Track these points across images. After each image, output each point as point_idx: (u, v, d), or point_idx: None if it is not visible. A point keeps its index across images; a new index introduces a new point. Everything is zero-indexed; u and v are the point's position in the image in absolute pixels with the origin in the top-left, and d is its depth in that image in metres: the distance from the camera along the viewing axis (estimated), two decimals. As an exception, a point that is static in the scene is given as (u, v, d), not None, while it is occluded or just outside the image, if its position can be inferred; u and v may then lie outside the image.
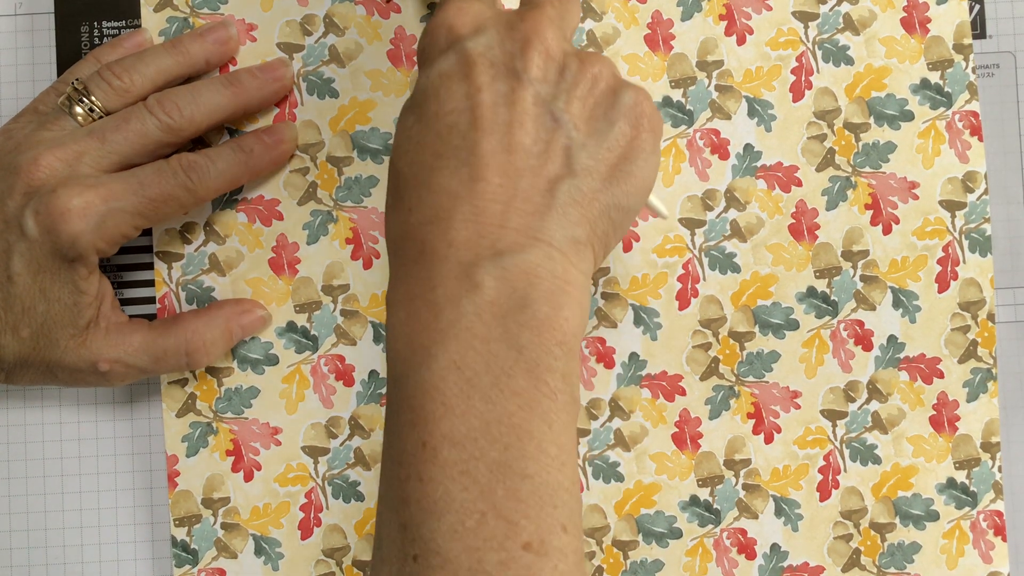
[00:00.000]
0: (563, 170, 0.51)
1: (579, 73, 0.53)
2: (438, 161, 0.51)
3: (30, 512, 0.66)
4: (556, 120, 0.52)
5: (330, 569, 0.65)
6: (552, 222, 0.50)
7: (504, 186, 0.50)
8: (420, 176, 0.51)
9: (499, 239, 0.50)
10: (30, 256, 0.59)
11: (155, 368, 0.62)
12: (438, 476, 0.47)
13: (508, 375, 0.48)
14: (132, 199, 0.59)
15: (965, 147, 0.66)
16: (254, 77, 0.64)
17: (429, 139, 0.51)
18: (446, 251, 0.50)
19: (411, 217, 0.51)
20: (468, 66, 0.51)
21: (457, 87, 0.51)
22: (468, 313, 0.49)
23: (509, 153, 0.50)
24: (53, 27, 0.67)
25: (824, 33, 0.67)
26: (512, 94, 0.51)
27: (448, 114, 0.51)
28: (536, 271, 0.49)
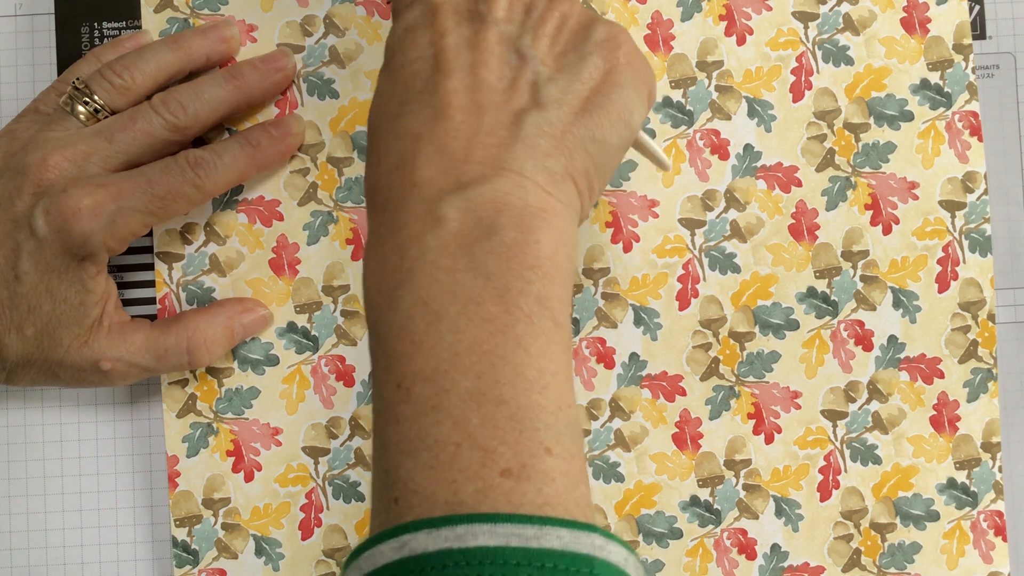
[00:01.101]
0: (529, 103, 0.50)
1: (547, 11, 0.52)
2: (402, 107, 0.50)
3: (30, 512, 0.66)
4: (522, 56, 0.51)
5: (331, 569, 0.65)
6: (519, 152, 0.49)
7: (467, 122, 0.50)
8: (387, 125, 0.51)
9: (463, 173, 0.49)
10: (39, 255, 0.59)
11: (157, 367, 0.62)
12: (411, 414, 0.46)
13: (476, 303, 0.47)
14: (141, 197, 0.59)
15: (965, 147, 0.66)
16: (255, 69, 0.64)
17: (396, 89, 0.51)
18: (410, 191, 0.49)
19: (379, 167, 0.51)
20: (432, 15, 0.51)
21: (421, 36, 0.51)
22: (432, 248, 0.48)
23: (473, 92, 0.50)
24: (53, 27, 0.67)
25: (824, 33, 0.67)
26: (475, 36, 0.51)
27: (413, 62, 0.51)
28: (504, 199, 0.48)
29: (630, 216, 0.66)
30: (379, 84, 0.52)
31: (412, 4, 0.52)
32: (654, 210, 0.66)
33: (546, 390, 0.47)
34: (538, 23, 0.52)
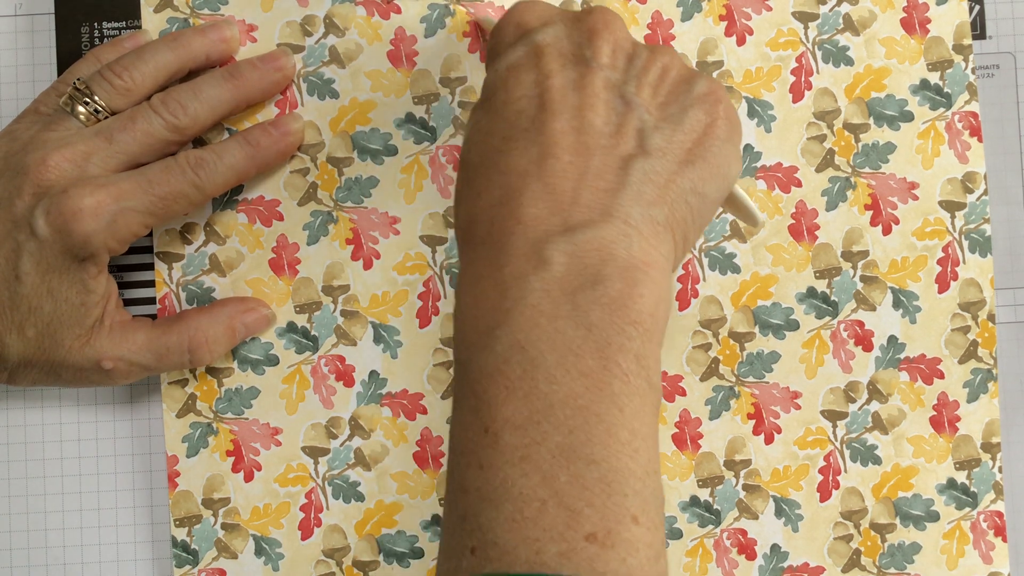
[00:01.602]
0: (636, 150, 0.50)
1: (649, 61, 0.52)
2: (506, 144, 0.50)
3: (30, 512, 0.66)
4: (628, 103, 0.51)
5: (330, 569, 0.65)
6: (626, 199, 0.49)
7: (574, 163, 0.49)
8: (489, 160, 0.50)
9: (570, 215, 0.48)
10: (40, 256, 0.59)
11: (158, 366, 0.62)
12: (498, 462, 0.45)
13: (576, 354, 0.46)
14: (142, 198, 0.59)
15: (965, 148, 0.66)
16: (255, 68, 0.64)
17: (498, 126, 0.50)
18: (514, 228, 0.48)
19: (480, 201, 0.50)
20: (537, 55, 0.51)
21: (526, 75, 0.51)
22: (535, 290, 0.47)
23: (579, 134, 0.50)
24: (53, 27, 0.67)
25: (824, 34, 0.67)
26: (581, 79, 0.51)
27: (517, 100, 0.51)
28: (610, 247, 0.48)
29: (630, 216, 0.66)
30: (476, 119, 0.52)
31: (515, 44, 0.52)
32: (654, 210, 0.66)
33: (636, 454, 0.46)
34: (641, 72, 0.52)
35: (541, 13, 0.53)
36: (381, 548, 0.65)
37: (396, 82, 0.66)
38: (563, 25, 0.52)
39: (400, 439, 0.65)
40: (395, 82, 0.66)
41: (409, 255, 0.66)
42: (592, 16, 0.52)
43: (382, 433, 0.65)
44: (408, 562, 0.65)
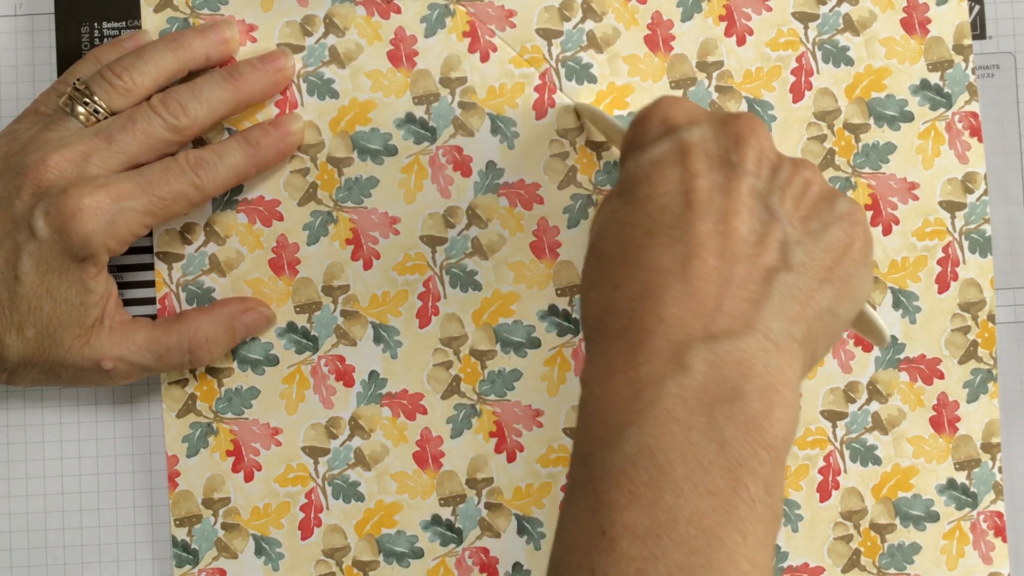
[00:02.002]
0: (779, 262, 0.49)
1: (792, 174, 0.51)
2: (649, 239, 0.49)
3: (30, 512, 0.66)
4: (772, 213, 0.50)
5: (330, 569, 0.65)
6: (769, 312, 0.48)
7: (720, 268, 0.48)
8: (628, 253, 0.49)
9: (713, 322, 0.47)
10: (39, 256, 0.59)
11: (158, 366, 0.62)
12: (612, 570, 0.44)
13: (705, 470, 0.45)
14: (142, 198, 0.59)
15: (965, 148, 0.67)
16: (254, 68, 0.64)
17: (639, 219, 0.49)
18: (655, 326, 0.47)
19: (617, 293, 0.49)
20: (683, 154, 0.50)
21: (671, 172, 0.50)
22: (671, 395, 0.46)
23: (724, 238, 0.49)
24: (53, 27, 0.67)
25: (824, 34, 0.67)
26: (727, 183, 0.50)
27: (661, 196, 0.50)
28: (750, 362, 0.47)
29: (630, 216, 0.66)
30: (613, 208, 0.51)
31: (660, 138, 0.51)
32: (654, 210, 0.66)
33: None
34: (784, 184, 0.51)
35: (688, 111, 0.52)
36: (381, 548, 0.65)
37: (396, 82, 0.66)
38: (710, 126, 0.51)
39: (400, 439, 0.66)
40: (395, 82, 0.66)
41: (409, 255, 0.66)
42: (740, 121, 0.52)
43: (382, 433, 0.65)
44: (408, 562, 0.65)
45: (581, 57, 0.66)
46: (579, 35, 0.66)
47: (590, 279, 0.51)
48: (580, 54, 0.66)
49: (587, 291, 0.51)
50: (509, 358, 0.66)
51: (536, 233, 0.66)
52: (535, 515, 0.66)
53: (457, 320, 0.66)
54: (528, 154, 0.66)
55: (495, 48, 0.66)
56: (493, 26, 0.66)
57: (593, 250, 0.51)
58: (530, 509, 0.66)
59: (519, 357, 0.66)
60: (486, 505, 0.66)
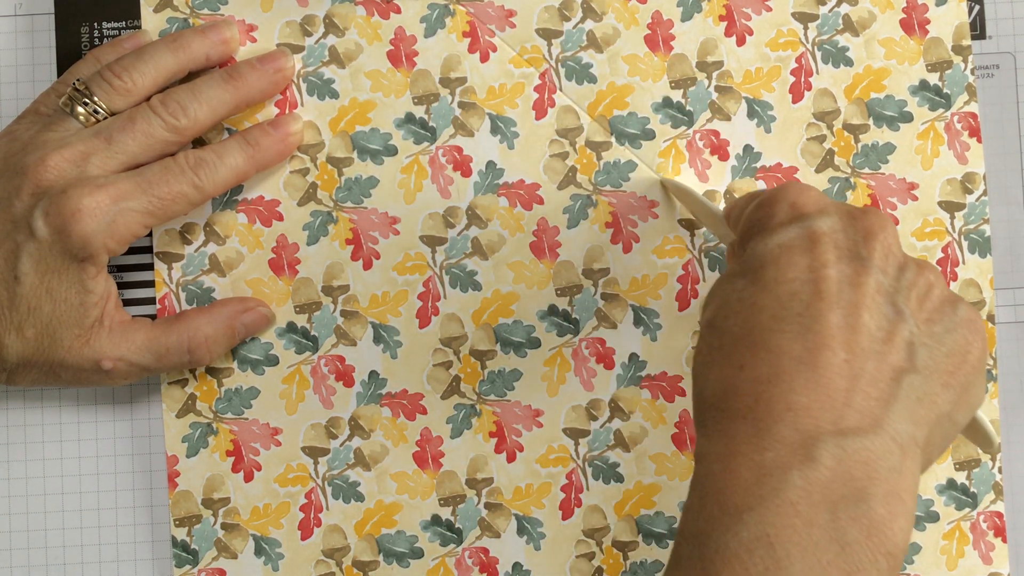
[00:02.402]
0: (906, 363, 0.49)
1: (917, 275, 0.51)
2: (777, 324, 0.49)
3: (30, 512, 0.66)
4: (898, 312, 0.50)
5: (330, 569, 0.65)
6: (897, 413, 0.47)
7: (850, 363, 0.48)
8: (754, 336, 0.49)
9: (842, 417, 0.47)
10: (39, 256, 0.59)
11: (158, 366, 0.62)
12: None
13: (823, 570, 0.44)
14: (142, 198, 0.59)
15: (964, 148, 0.67)
16: (254, 69, 0.64)
17: (767, 302, 0.49)
18: (783, 413, 0.47)
19: (742, 373, 0.48)
20: (813, 241, 0.50)
21: (800, 259, 0.50)
22: (796, 486, 0.45)
23: (853, 332, 0.48)
24: (53, 27, 0.67)
25: (824, 34, 0.67)
26: (857, 277, 0.49)
27: (789, 281, 0.49)
28: (876, 463, 0.46)
29: (630, 216, 0.66)
30: (738, 288, 0.51)
31: (788, 223, 0.51)
32: (654, 210, 0.66)
33: None
34: (910, 284, 0.51)
35: (817, 199, 0.52)
36: (381, 548, 0.65)
37: (396, 82, 0.66)
38: (839, 218, 0.51)
39: (400, 439, 0.65)
40: (395, 82, 0.66)
41: (409, 255, 0.66)
42: (868, 216, 0.51)
43: (382, 433, 0.65)
44: (408, 562, 0.65)
45: (581, 57, 0.66)
46: (579, 35, 0.66)
47: (708, 356, 0.50)
48: (580, 54, 0.66)
49: (705, 368, 0.50)
50: (509, 358, 0.66)
51: (536, 233, 0.66)
52: (535, 515, 0.66)
53: (457, 320, 0.66)
54: (528, 154, 0.66)
55: (495, 48, 0.66)
56: (493, 26, 0.66)
57: (712, 327, 0.51)
58: (530, 509, 0.66)
59: (519, 357, 0.66)
60: (486, 505, 0.66)
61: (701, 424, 0.49)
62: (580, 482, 0.66)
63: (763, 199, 0.52)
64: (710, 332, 0.50)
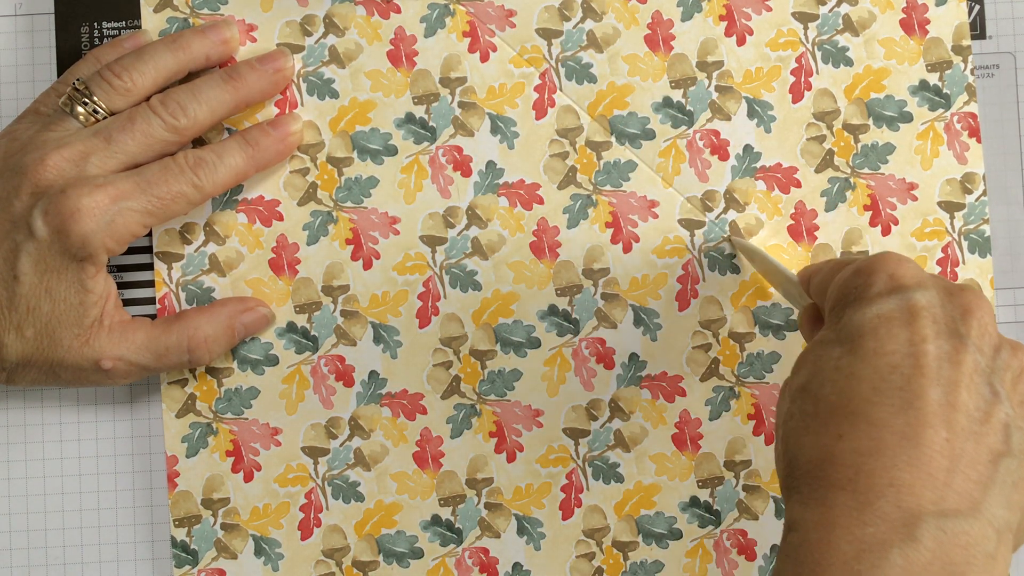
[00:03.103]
0: (1003, 446, 0.48)
1: (1011, 357, 0.51)
2: (877, 396, 0.48)
3: (30, 512, 0.66)
4: (995, 393, 0.49)
5: (330, 569, 0.65)
6: (994, 497, 0.47)
7: (951, 442, 0.47)
8: (854, 406, 0.49)
9: (943, 498, 0.47)
10: (38, 256, 0.59)
11: (158, 365, 0.62)
12: None
13: None
14: (141, 198, 0.59)
15: (963, 148, 0.67)
16: (253, 69, 0.64)
17: (866, 373, 0.49)
18: (885, 489, 0.47)
19: (841, 443, 0.48)
20: (912, 315, 0.50)
21: (899, 331, 0.49)
22: (895, 565, 0.45)
23: (953, 410, 0.48)
24: (53, 27, 0.67)
25: (824, 34, 0.67)
26: (956, 354, 0.49)
27: (889, 354, 0.49)
28: (974, 547, 0.46)
29: (630, 216, 0.66)
30: (835, 356, 0.50)
31: (887, 294, 0.51)
32: (654, 210, 0.66)
33: None
34: (1004, 366, 0.50)
35: (915, 272, 0.52)
36: (381, 548, 0.65)
37: (396, 82, 0.66)
38: (937, 292, 0.51)
39: (400, 439, 0.65)
40: (395, 82, 0.66)
41: (409, 255, 0.66)
42: (966, 294, 0.51)
43: (382, 433, 0.65)
44: (408, 562, 0.65)
45: (581, 57, 0.66)
46: (579, 35, 0.66)
47: (802, 422, 0.50)
48: (580, 54, 0.66)
49: (799, 433, 0.50)
50: (509, 358, 0.66)
51: (536, 233, 0.66)
52: (535, 515, 0.66)
53: (457, 320, 0.66)
54: (528, 154, 0.66)
55: (495, 48, 0.66)
56: (493, 26, 0.66)
57: (805, 392, 0.50)
58: (530, 509, 0.66)
59: (519, 357, 0.66)
60: (486, 505, 0.66)
61: (795, 489, 0.49)
62: (580, 482, 0.66)
63: (860, 267, 0.52)
64: (803, 397, 0.50)
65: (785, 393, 0.51)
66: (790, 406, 0.51)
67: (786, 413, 0.51)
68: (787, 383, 0.52)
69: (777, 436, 0.52)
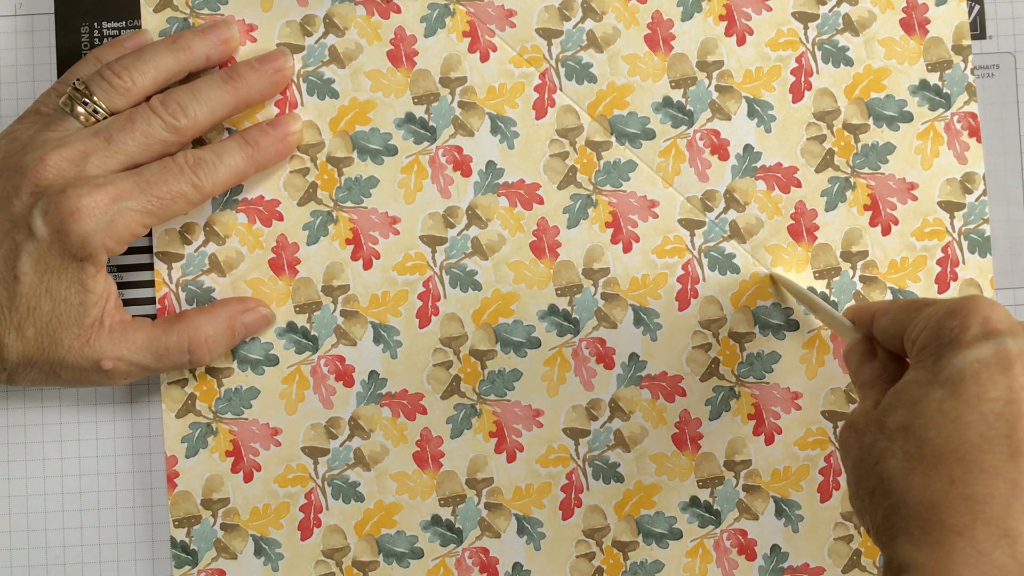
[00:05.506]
0: None
1: None
2: (985, 443, 0.50)
3: (30, 512, 0.66)
4: None
5: (330, 569, 0.65)
6: None
7: None
8: (962, 452, 0.50)
9: None
10: (38, 256, 0.59)
11: (158, 366, 0.62)
12: None
13: None
14: (141, 198, 0.59)
15: (963, 148, 0.67)
16: (253, 69, 0.64)
17: (972, 419, 0.50)
18: (1000, 540, 0.48)
19: (954, 489, 0.49)
20: (1008, 361, 0.51)
21: (999, 378, 0.50)
22: None
23: None
24: (53, 27, 0.67)
25: (824, 34, 0.67)
26: None
27: (993, 401, 0.50)
28: None
29: (630, 216, 0.66)
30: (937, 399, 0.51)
31: (982, 340, 0.51)
32: (654, 210, 0.66)
33: None
34: None
35: (1006, 318, 0.52)
36: (381, 548, 0.65)
37: (396, 82, 0.66)
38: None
39: (400, 439, 0.65)
40: (395, 82, 0.66)
41: (409, 255, 0.66)
42: None
43: (382, 433, 0.65)
44: (408, 562, 0.65)
45: (581, 57, 0.66)
46: (579, 35, 0.66)
47: (908, 464, 0.51)
48: (580, 54, 0.66)
49: (907, 474, 0.51)
50: (509, 358, 0.66)
51: (536, 233, 0.66)
52: (535, 515, 0.66)
53: (457, 320, 0.66)
54: (528, 154, 0.66)
55: (495, 48, 0.66)
56: (493, 26, 0.66)
57: (909, 435, 0.51)
58: (530, 509, 0.66)
59: (519, 357, 0.66)
60: (486, 505, 0.66)
61: (903, 530, 0.50)
62: (580, 482, 0.66)
63: (954, 309, 0.53)
64: (906, 438, 0.51)
65: (872, 429, 0.52)
66: (888, 444, 0.51)
67: (880, 450, 0.51)
68: (871, 418, 0.52)
69: (865, 473, 0.52)
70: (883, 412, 0.52)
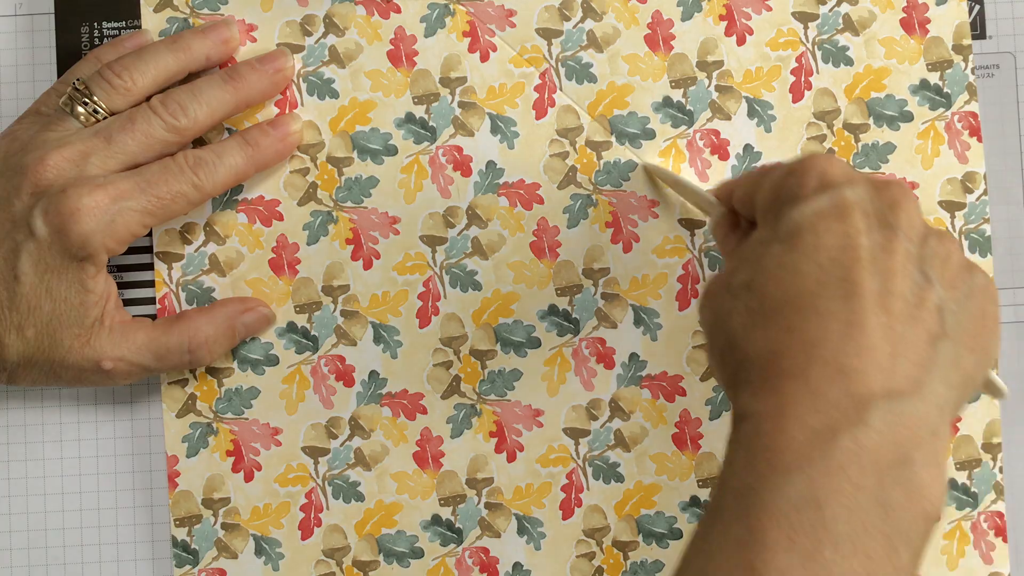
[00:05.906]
0: (938, 328, 0.50)
1: (938, 244, 0.52)
2: (821, 289, 0.50)
3: (30, 512, 0.66)
4: (927, 278, 0.51)
5: (330, 569, 0.65)
6: (936, 378, 0.49)
7: (892, 328, 0.49)
8: (802, 300, 0.50)
9: (889, 381, 0.48)
10: (38, 256, 0.59)
11: (158, 366, 0.62)
12: None
13: (867, 532, 0.46)
14: (141, 198, 0.59)
15: (964, 148, 0.67)
16: (254, 69, 0.64)
17: (808, 268, 0.50)
18: (835, 376, 0.48)
19: (792, 336, 0.49)
20: (844, 210, 0.51)
21: (836, 226, 0.51)
22: (845, 449, 0.46)
23: (891, 297, 0.49)
24: (53, 27, 0.67)
25: (824, 34, 0.67)
26: (888, 244, 0.51)
27: (829, 248, 0.50)
28: (919, 427, 0.48)
29: (630, 216, 0.66)
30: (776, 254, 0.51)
31: (819, 193, 0.52)
32: (654, 210, 0.66)
33: None
34: (932, 252, 0.52)
35: (844, 170, 0.53)
36: (381, 548, 0.65)
37: (396, 82, 0.66)
38: (865, 188, 0.52)
39: (400, 439, 0.66)
40: (395, 82, 0.66)
41: (409, 255, 0.66)
42: (892, 187, 0.53)
43: (382, 433, 0.65)
44: (408, 562, 0.65)
45: (581, 56, 0.66)
46: (579, 34, 0.66)
47: (751, 318, 0.51)
48: (580, 53, 0.66)
49: (748, 328, 0.51)
50: (509, 358, 0.66)
51: (536, 233, 0.66)
52: (535, 515, 0.66)
53: (457, 320, 0.66)
54: (528, 154, 0.66)
55: (495, 48, 0.66)
56: (493, 26, 0.66)
57: (751, 291, 0.51)
58: (530, 509, 0.66)
59: (519, 357, 0.66)
60: (486, 505, 0.66)
61: (745, 382, 0.50)
62: (580, 482, 0.66)
63: (792, 168, 0.53)
64: (748, 294, 0.51)
65: (721, 291, 0.52)
66: (733, 303, 0.52)
67: (727, 310, 0.52)
68: (721, 281, 0.53)
69: (716, 333, 0.52)
70: (729, 274, 0.53)
